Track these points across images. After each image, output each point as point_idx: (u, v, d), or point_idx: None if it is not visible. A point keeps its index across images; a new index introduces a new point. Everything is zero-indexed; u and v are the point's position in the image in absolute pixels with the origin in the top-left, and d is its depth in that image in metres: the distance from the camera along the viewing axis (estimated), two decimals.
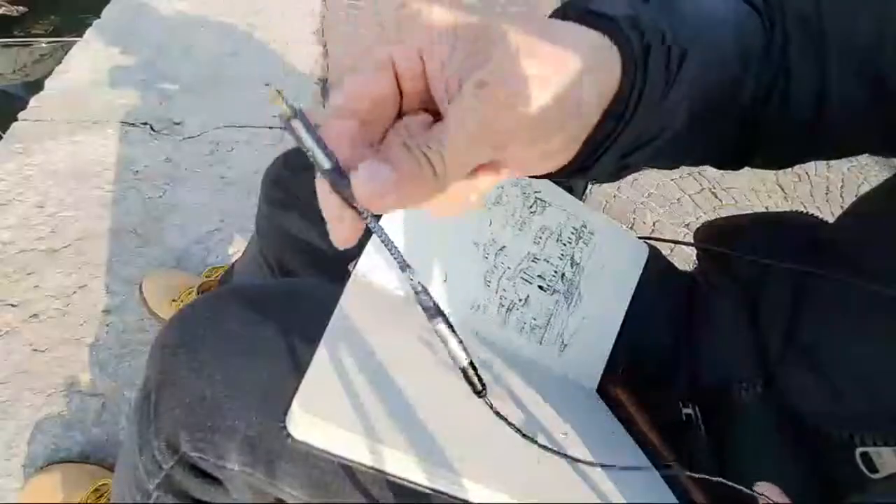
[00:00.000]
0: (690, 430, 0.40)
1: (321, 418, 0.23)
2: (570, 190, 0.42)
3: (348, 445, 0.23)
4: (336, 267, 0.44)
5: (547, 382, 0.38)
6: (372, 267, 0.36)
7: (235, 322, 0.39)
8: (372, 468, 0.24)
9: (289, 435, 0.23)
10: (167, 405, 0.37)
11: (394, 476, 0.24)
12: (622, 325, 0.43)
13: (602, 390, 0.43)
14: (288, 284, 0.49)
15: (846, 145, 0.36)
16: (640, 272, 0.44)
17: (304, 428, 0.23)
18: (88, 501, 0.70)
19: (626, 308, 0.43)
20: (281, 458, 0.36)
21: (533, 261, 0.40)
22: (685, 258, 1.41)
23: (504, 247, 0.39)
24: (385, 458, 0.24)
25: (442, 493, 0.24)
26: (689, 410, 0.40)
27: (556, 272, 0.41)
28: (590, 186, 1.60)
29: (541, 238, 0.40)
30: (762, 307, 0.42)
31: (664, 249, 1.48)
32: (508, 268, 0.40)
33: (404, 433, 0.25)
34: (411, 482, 0.24)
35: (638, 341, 0.45)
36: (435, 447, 0.25)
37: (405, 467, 0.24)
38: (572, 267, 0.41)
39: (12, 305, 0.94)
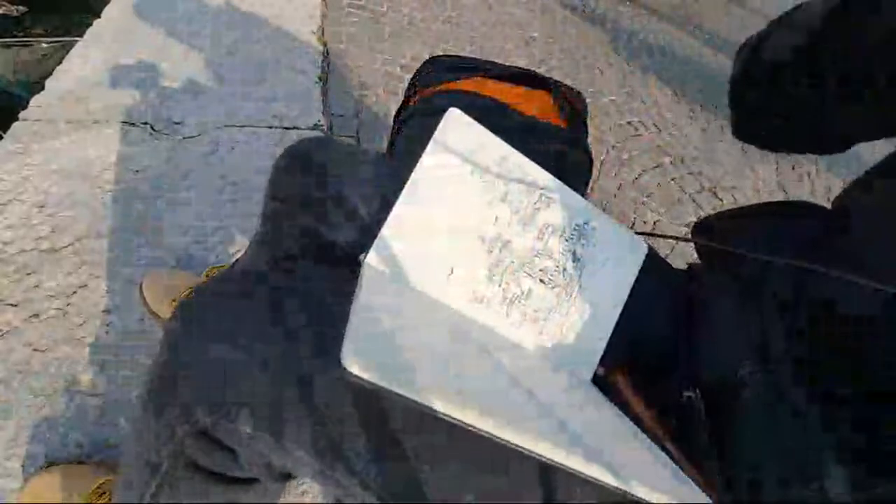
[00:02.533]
0: (691, 423, 0.41)
1: (374, 355, 0.25)
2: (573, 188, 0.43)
3: (400, 380, 0.25)
4: (344, 261, 0.45)
5: (546, 372, 0.39)
6: (382, 258, 0.37)
7: (247, 296, 0.41)
8: (417, 403, 0.26)
9: (345, 370, 0.24)
10: (182, 374, 0.39)
11: (437, 411, 0.26)
12: (623, 321, 0.44)
13: (604, 380, 0.44)
14: (298, 266, 0.50)
15: None
16: (639, 268, 0.45)
17: (358, 364, 0.24)
18: (89, 501, 0.70)
19: (623, 302, 0.44)
20: (289, 423, 0.37)
21: (536, 256, 0.41)
22: (685, 258, 1.41)
23: (509, 242, 0.40)
24: (427, 392, 0.26)
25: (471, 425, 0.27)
26: (690, 393, 0.41)
27: (557, 267, 0.42)
28: (590, 185, 1.60)
29: (544, 234, 0.41)
30: (763, 303, 0.42)
31: (664, 249, 1.47)
32: (512, 262, 0.41)
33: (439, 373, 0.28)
34: (452, 417, 0.26)
35: (638, 337, 0.45)
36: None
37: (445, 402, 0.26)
38: (574, 262, 0.42)
39: (12, 305, 0.94)
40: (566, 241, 0.42)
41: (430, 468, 0.37)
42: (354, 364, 0.24)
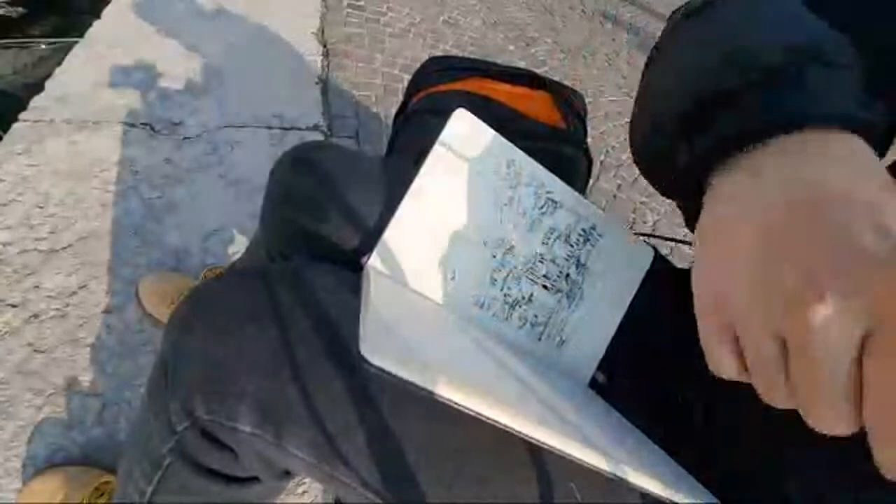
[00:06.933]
0: (689, 422, 0.41)
1: (390, 347, 0.25)
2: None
3: (418, 370, 0.25)
4: (346, 263, 0.45)
5: (544, 376, 0.39)
6: (385, 261, 0.37)
7: (247, 293, 0.40)
8: (437, 394, 0.26)
9: (365, 360, 0.24)
10: (182, 372, 0.38)
11: (451, 401, 0.26)
12: (624, 324, 0.43)
13: (602, 385, 0.44)
14: (297, 267, 0.50)
15: None
16: (643, 275, 0.44)
17: (378, 355, 0.24)
18: (88, 501, 0.70)
19: (625, 309, 0.44)
20: (289, 420, 0.37)
21: (540, 261, 0.41)
22: (685, 258, 1.41)
23: (513, 247, 0.40)
24: (448, 383, 0.26)
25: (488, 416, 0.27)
26: (688, 392, 0.41)
27: (560, 272, 0.42)
28: (590, 186, 1.60)
29: (549, 239, 0.41)
30: None
31: (664, 250, 1.48)
32: (515, 267, 0.40)
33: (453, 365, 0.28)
34: (466, 407, 0.26)
35: (638, 339, 0.45)
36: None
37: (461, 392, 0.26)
38: (577, 268, 0.42)
39: (12, 305, 0.94)
40: (571, 246, 0.42)
41: (431, 466, 0.37)
42: (374, 355, 0.24)
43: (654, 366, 0.46)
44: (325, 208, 0.49)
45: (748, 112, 0.23)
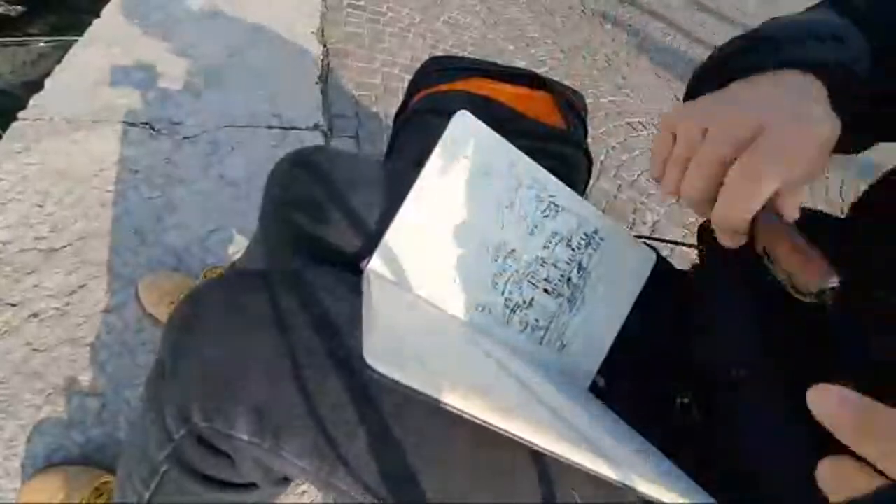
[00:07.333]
0: (689, 423, 0.41)
1: (393, 354, 0.26)
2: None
3: (423, 378, 0.26)
4: (346, 266, 0.45)
5: (544, 379, 0.38)
6: (385, 264, 0.36)
7: (246, 297, 0.40)
8: (437, 400, 0.26)
9: (369, 367, 0.24)
10: (180, 375, 0.38)
11: (457, 409, 0.26)
12: (624, 328, 0.43)
13: (602, 388, 0.44)
14: (297, 268, 0.50)
15: None
16: (645, 280, 0.44)
17: (382, 362, 0.25)
18: (88, 501, 0.70)
19: (626, 313, 0.44)
20: (288, 425, 0.37)
21: (541, 265, 0.41)
22: (685, 258, 1.41)
23: (514, 250, 0.40)
24: (446, 388, 0.26)
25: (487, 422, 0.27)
26: (687, 394, 0.41)
27: (562, 276, 0.41)
28: (590, 186, 1.60)
29: (551, 242, 0.41)
30: (762, 304, 0.42)
31: (664, 250, 1.48)
32: (516, 271, 0.40)
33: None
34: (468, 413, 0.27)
35: (638, 342, 0.45)
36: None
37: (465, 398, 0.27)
38: (579, 272, 0.42)
39: (12, 305, 0.93)
40: (573, 250, 0.42)
41: (432, 470, 0.37)
42: (378, 361, 0.24)
43: (654, 367, 0.46)
44: (326, 210, 0.49)
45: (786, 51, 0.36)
